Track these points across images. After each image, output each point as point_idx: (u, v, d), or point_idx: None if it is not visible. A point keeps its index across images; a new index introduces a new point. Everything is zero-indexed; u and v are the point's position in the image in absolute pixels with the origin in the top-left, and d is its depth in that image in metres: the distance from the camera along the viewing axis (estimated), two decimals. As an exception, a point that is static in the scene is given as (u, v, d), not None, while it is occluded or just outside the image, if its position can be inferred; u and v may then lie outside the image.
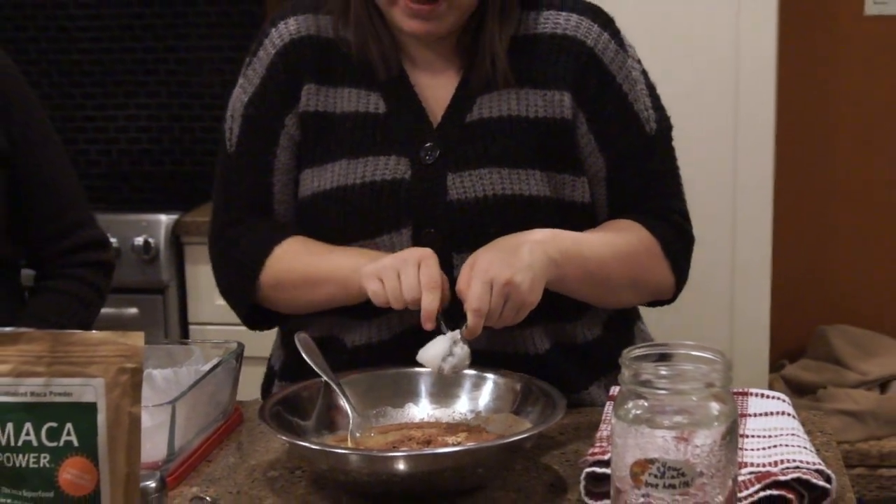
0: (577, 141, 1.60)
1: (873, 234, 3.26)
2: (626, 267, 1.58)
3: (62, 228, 1.93)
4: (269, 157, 1.64)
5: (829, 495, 1.29)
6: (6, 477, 1.12)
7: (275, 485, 1.41)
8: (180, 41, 3.50)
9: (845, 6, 3.17)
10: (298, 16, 1.64)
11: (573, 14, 1.61)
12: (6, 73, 1.90)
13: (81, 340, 1.12)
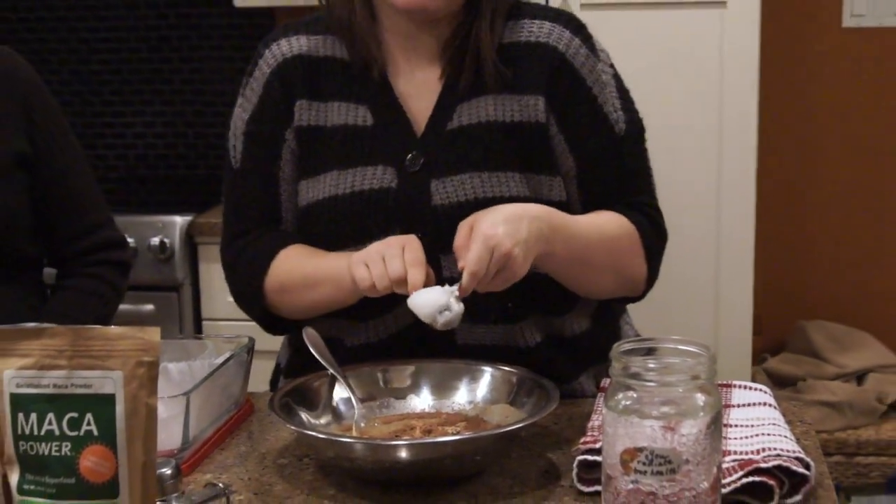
0: (551, 142, 1.60)
1: (851, 236, 3.26)
2: (608, 251, 1.57)
3: (82, 229, 1.93)
4: (273, 170, 1.64)
5: (809, 482, 1.29)
6: (30, 464, 1.12)
7: (284, 472, 1.42)
8: (194, 52, 3.50)
9: (824, 18, 3.17)
10: (290, 36, 1.65)
11: (546, 22, 1.61)
12: (29, 82, 1.90)
13: (101, 335, 1.12)
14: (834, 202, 3.26)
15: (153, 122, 3.55)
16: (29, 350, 1.12)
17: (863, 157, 3.23)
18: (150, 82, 3.54)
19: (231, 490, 1.31)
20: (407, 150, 1.59)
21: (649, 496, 1.14)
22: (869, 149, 3.22)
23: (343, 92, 1.62)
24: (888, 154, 3.22)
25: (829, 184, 3.25)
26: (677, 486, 1.14)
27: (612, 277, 1.61)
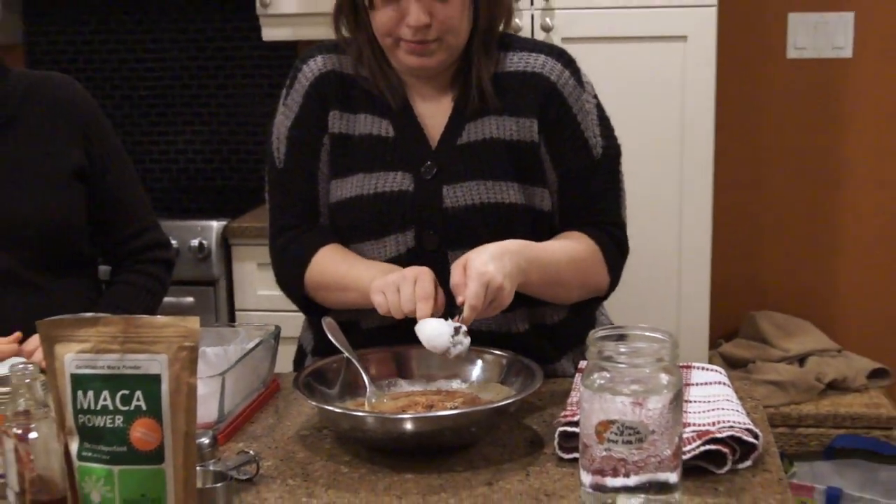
0: (542, 158, 1.61)
1: (794, 239, 3.26)
2: (576, 271, 1.59)
3: (132, 232, 1.93)
4: (313, 169, 1.64)
5: (757, 449, 1.29)
6: (87, 435, 1.12)
7: (305, 441, 1.42)
8: (228, 80, 3.50)
9: (771, 51, 3.17)
10: (324, 54, 1.66)
11: (541, 55, 1.62)
12: (87, 106, 1.90)
13: (148, 324, 1.12)
14: (780, 210, 3.25)
15: (193, 140, 3.55)
16: (87, 336, 1.12)
17: (804, 169, 3.22)
18: (190, 106, 3.53)
19: (260, 457, 1.31)
20: (423, 159, 1.60)
21: (620, 462, 1.15)
22: (810, 162, 3.22)
23: (370, 106, 1.63)
24: (826, 167, 3.22)
25: (776, 194, 3.25)
26: (644, 453, 1.14)
27: (578, 290, 1.63)
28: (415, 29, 1.50)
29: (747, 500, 1.20)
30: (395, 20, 1.51)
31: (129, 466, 1.11)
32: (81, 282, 1.89)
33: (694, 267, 2.80)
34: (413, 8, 1.49)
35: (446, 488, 1.26)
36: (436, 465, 1.32)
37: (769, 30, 3.18)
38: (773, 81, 3.19)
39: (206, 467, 1.21)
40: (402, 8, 1.50)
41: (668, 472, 1.15)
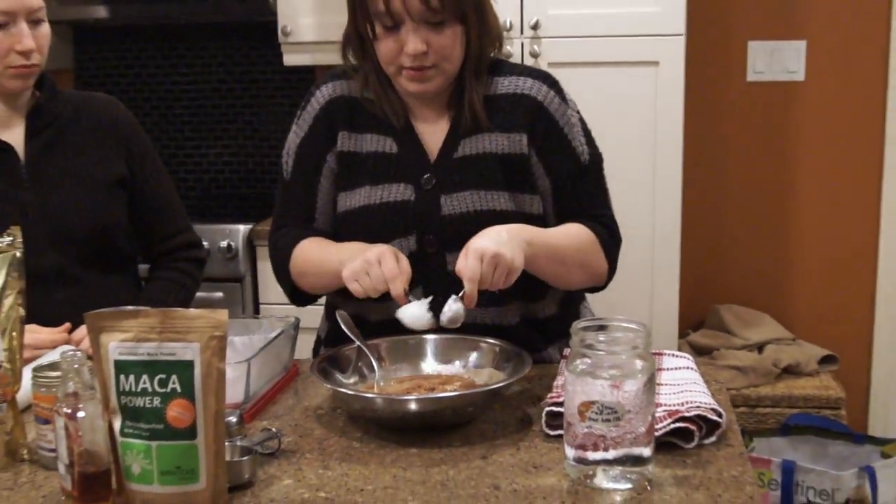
0: (531, 169, 1.61)
1: (754, 240, 3.26)
2: (577, 252, 1.57)
3: (168, 234, 1.93)
4: (314, 182, 1.65)
5: (721, 427, 1.29)
6: (129, 414, 1.13)
7: (321, 420, 1.42)
8: (253, 100, 3.50)
9: (733, 74, 3.18)
10: (334, 82, 1.66)
11: (529, 78, 1.62)
12: (128, 123, 1.91)
13: (183, 315, 1.13)
14: (741, 215, 3.26)
15: (222, 153, 3.55)
16: (129, 327, 1.12)
17: (762, 179, 3.23)
18: (220, 123, 3.54)
19: (281, 433, 1.31)
20: (423, 172, 1.60)
21: (600, 438, 1.15)
22: (767, 172, 3.22)
23: (375, 126, 1.63)
24: (781, 176, 3.22)
25: (737, 201, 3.25)
26: (621, 430, 1.14)
27: (581, 272, 1.61)
28: (413, 56, 1.50)
29: (712, 471, 1.20)
30: (395, 50, 1.51)
31: (165, 442, 1.11)
32: (123, 278, 1.89)
33: (665, 266, 2.80)
34: (411, 38, 1.49)
35: (446, 461, 1.26)
36: (437, 440, 1.32)
37: (731, 56, 3.18)
38: (734, 101, 3.20)
39: (234, 442, 1.21)
40: (402, 38, 1.50)
41: (643, 446, 1.16)
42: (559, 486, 1.17)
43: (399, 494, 1.16)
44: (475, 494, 1.16)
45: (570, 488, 1.16)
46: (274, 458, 1.27)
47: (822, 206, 3.22)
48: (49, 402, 1.22)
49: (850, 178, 3.19)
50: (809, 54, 3.15)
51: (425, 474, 1.22)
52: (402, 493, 1.17)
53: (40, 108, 1.81)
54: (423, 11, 1.47)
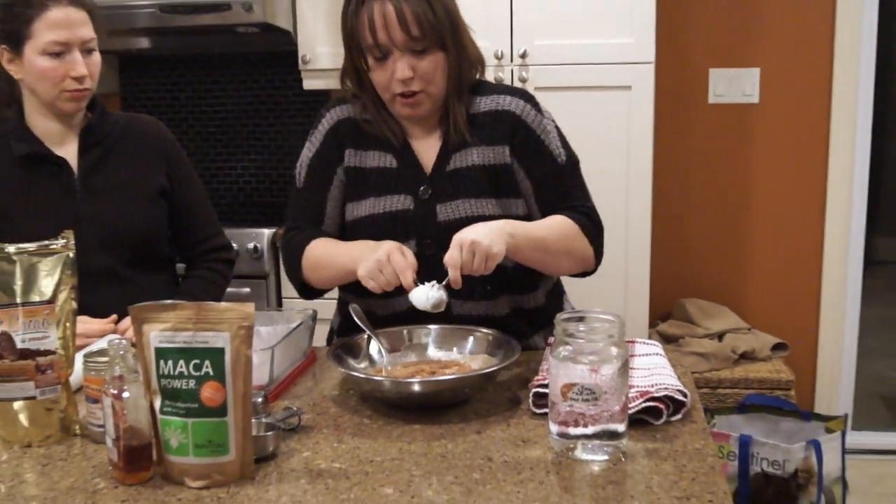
0: (514, 176, 1.60)
1: (714, 242, 3.26)
2: (561, 239, 1.55)
3: (202, 237, 1.93)
4: (324, 192, 1.65)
5: (686, 405, 1.29)
6: (167, 394, 1.13)
7: (336, 400, 1.42)
8: (276, 119, 3.50)
9: (696, 97, 3.18)
10: (341, 106, 1.66)
11: (507, 96, 1.62)
12: (168, 140, 1.91)
13: (215, 308, 1.13)
14: (703, 220, 3.26)
15: (249, 167, 3.55)
16: (167, 318, 1.12)
17: (722, 189, 3.23)
18: (247, 140, 3.54)
19: (301, 411, 1.31)
20: (420, 184, 1.59)
21: (580, 415, 1.15)
22: (726, 183, 3.22)
23: (377, 144, 1.62)
24: (738, 186, 3.22)
25: (700, 207, 3.25)
26: (599, 408, 1.14)
27: (567, 259, 1.58)
28: (402, 82, 1.50)
29: (678, 444, 1.20)
30: (387, 78, 1.52)
31: (199, 419, 1.11)
32: (163, 276, 1.89)
33: (636, 265, 2.80)
34: (399, 65, 1.50)
35: (445, 436, 1.26)
36: (437, 418, 1.32)
37: (695, 81, 3.18)
38: (698, 121, 3.20)
39: (259, 419, 1.21)
40: (391, 67, 1.50)
41: (617, 423, 1.16)
42: (544, 457, 1.17)
43: (404, 465, 1.16)
44: (470, 465, 1.16)
45: (554, 460, 1.16)
46: (294, 433, 1.27)
47: (774, 212, 3.22)
48: (98, 384, 1.22)
49: (798, 187, 3.19)
50: (763, 80, 3.15)
51: (427, 447, 1.22)
52: (406, 463, 1.17)
53: (91, 128, 1.81)
54: (406, 40, 1.48)
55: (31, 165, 1.77)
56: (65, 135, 1.80)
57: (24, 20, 1.67)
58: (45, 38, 1.67)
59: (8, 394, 1.27)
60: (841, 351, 3.22)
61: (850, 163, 3.11)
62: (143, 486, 1.12)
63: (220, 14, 2.97)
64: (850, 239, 3.16)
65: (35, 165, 1.77)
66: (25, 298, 1.28)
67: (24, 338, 1.26)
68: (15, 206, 1.75)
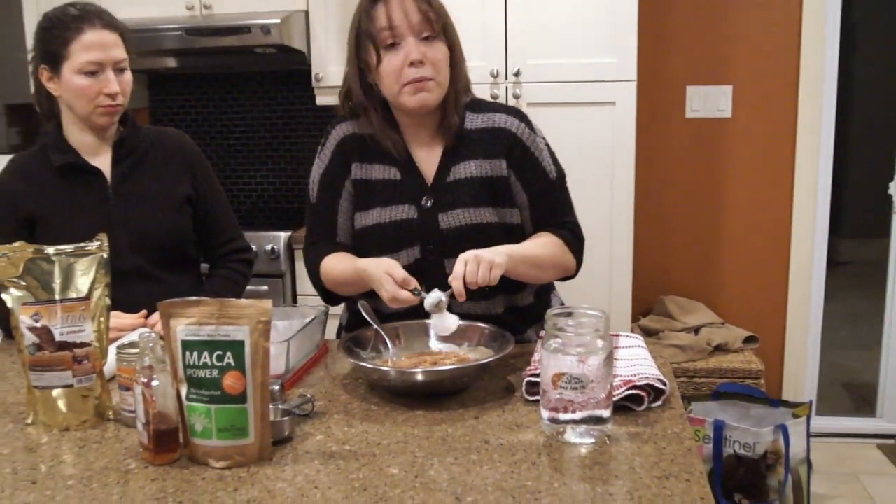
0: (510, 187, 1.60)
1: (690, 243, 3.27)
2: (550, 255, 1.57)
3: (224, 240, 1.93)
4: (335, 204, 1.64)
5: (665, 393, 1.29)
6: (193, 382, 1.12)
7: (346, 388, 1.42)
8: (292, 132, 3.50)
9: (674, 112, 3.18)
10: (346, 123, 1.65)
11: (503, 114, 1.62)
12: (193, 151, 1.90)
13: (236, 304, 1.13)
14: (681, 224, 3.26)
15: (267, 175, 3.55)
16: (193, 313, 1.12)
17: (697, 195, 3.23)
18: (265, 151, 3.54)
19: (314, 399, 1.31)
20: (422, 194, 1.58)
21: (569, 402, 1.15)
22: (701, 189, 3.23)
23: (382, 158, 1.61)
24: (712, 192, 3.22)
25: (678, 212, 3.25)
26: (586, 396, 1.14)
27: (555, 271, 1.61)
28: (416, 63, 1.49)
29: (658, 429, 1.20)
30: (399, 63, 1.49)
31: (222, 405, 1.11)
32: (188, 275, 1.89)
33: (620, 265, 2.80)
34: (412, 48, 1.49)
35: (446, 421, 1.25)
36: (438, 404, 1.32)
37: (673, 97, 3.18)
38: (676, 133, 3.20)
39: (276, 406, 1.21)
40: (403, 51, 1.49)
41: (603, 409, 1.16)
42: (536, 441, 1.17)
43: (408, 447, 1.16)
44: (469, 447, 1.16)
45: (545, 443, 1.16)
46: (308, 419, 1.27)
47: (746, 217, 3.22)
48: (129, 373, 1.22)
49: (767, 194, 3.19)
50: (735, 97, 3.15)
51: (429, 431, 1.22)
52: (410, 446, 1.17)
53: (123, 140, 1.81)
54: (420, 22, 1.48)
55: (68, 174, 1.77)
56: (99, 146, 1.80)
57: (62, 42, 1.67)
58: (81, 58, 1.67)
59: (48, 382, 1.27)
60: (806, 343, 3.23)
61: (815, 172, 3.12)
62: (171, 467, 1.12)
63: (240, 36, 2.97)
64: (814, 241, 3.16)
65: (72, 174, 1.77)
66: (63, 295, 1.28)
67: (62, 331, 1.27)
68: (54, 211, 1.75)
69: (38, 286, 1.28)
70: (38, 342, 1.26)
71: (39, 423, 1.28)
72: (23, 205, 1.75)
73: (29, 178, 1.77)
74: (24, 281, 1.27)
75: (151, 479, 1.09)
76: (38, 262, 1.29)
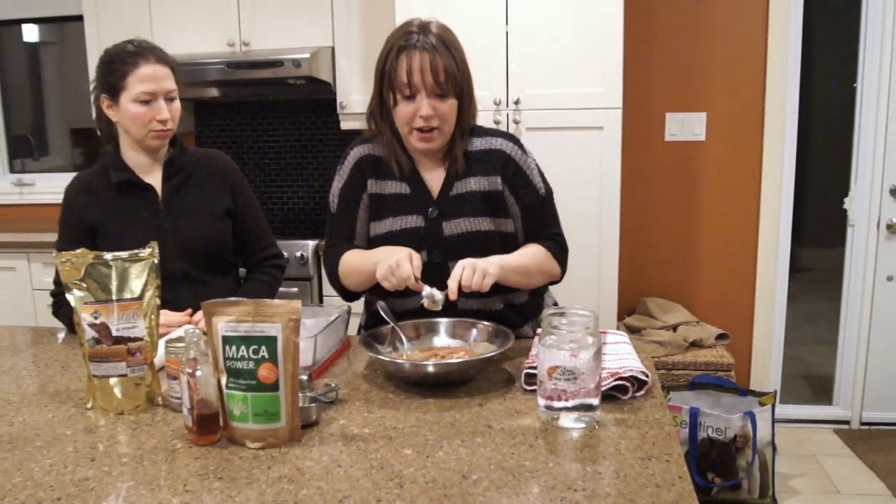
0: (505, 201, 1.60)
1: (669, 251, 3.25)
2: (537, 265, 1.57)
3: (260, 248, 1.93)
4: (355, 214, 1.64)
5: (647, 384, 1.29)
6: (231, 373, 1.12)
7: (366, 378, 1.41)
8: (318, 153, 3.51)
9: (654, 136, 3.17)
10: (363, 145, 1.66)
11: (499, 138, 1.62)
12: (233, 170, 1.91)
13: (269, 304, 1.13)
14: (661, 234, 3.25)
15: (297, 191, 3.56)
16: (232, 312, 1.12)
17: (675, 208, 3.22)
18: (295, 169, 3.55)
19: (338, 387, 1.31)
20: (428, 206, 1.59)
21: (562, 391, 1.14)
22: (678, 203, 3.21)
23: (393, 175, 1.62)
24: (688, 206, 3.21)
25: (658, 224, 3.24)
26: (577, 386, 1.13)
27: (540, 277, 1.61)
28: (424, 118, 1.50)
29: (641, 415, 1.19)
30: (411, 113, 1.51)
31: (257, 393, 1.11)
32: (228, 278, 1.89)
33: (607, 270, 2.79)
34: (424, 104, 1.49)
35: (454, 407, 1.25)
36: (447, 393, 1.31)
37: (654, 123, 3.17)
38: (656, 155, 3.19)
39: (305, 393, 1.21)
40: (416, 105, 1.50)
41: (592, 398, 1.15)
42: (533, 425, 1.17)
43: (420, 431, 1.16)
44: (474, 431, 1.15)
45: (542, 427, 1.16)
46: (332, 405, 1.27)
47: (718, 228, 3.21)
48: (176, 364, 1.22)
49: (736, 208, 3.18)
50: (709, 122, 3.14)
51: (439, 417, 1.21)
52: (422, 430, 1.16)
53: (173, 160, 1.82)
54: (433, 86, 1.48)
55: (125, 190, 1.77)
56: (151, 165, 1.80)
57: (121, 74, 1.68)
58: (136, 89, 1.68)
59: (105, 372, 1.27)
60: (771, 339, 3.21)
61: (778, 188, 3.10)
62: (212, 447, 1.12)
63: (274, 69, 2.98)
64: (778, 249, 3.15)
65: (128, 190, 1.77)
66: (119, 296, 1.28)
67: (118, 327, 1.27)
68: (112, 222, 1.76)
69: (97, 287, 1.28)
70: (97, 337, 1.26)
71: (98, 408, 1.28)
72: (86, 215, 1.76)
73: (91, 193, 1.77)
74: (86, 283, 1.28)
75: (195, 458, 1.09)
76: (98, 266, 1.29)
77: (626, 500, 0.93)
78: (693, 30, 3.11)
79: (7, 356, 1.60)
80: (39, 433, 1.18)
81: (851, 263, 3.16)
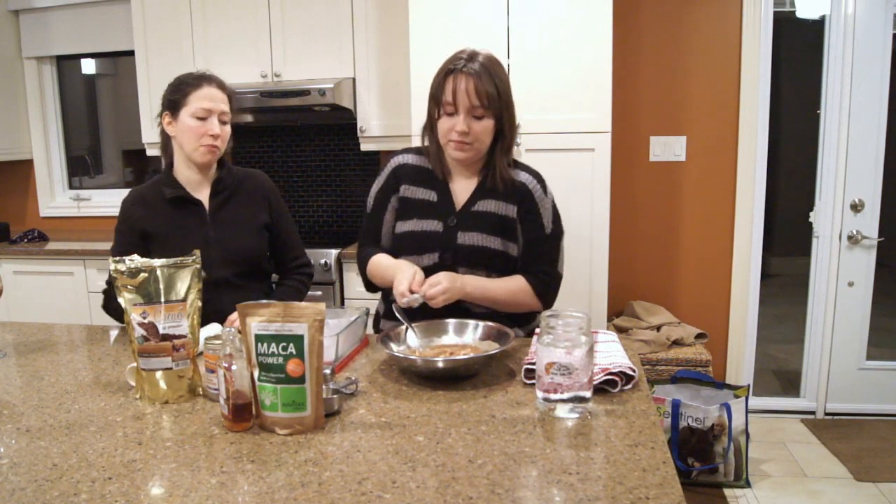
0: (516, 229, 1.59)
1: (653, 260, 3.24)
2: (511, 297, 1.56)
3: (292, 257, 1.93)
4: (382, 218, 1.65)
5: (634, 378, 1.28)
6: (263, 367, 1.12)
7: (382, 372, 1.41)
8: (342, 171, 3.52)
9: (640, 157, 3.17)
10: (405, 154, 1.67)
11: (526, 174, 1.62)
12: (270, 187, 1.91)
13: (297, 306, 1.13)
14: (646, 244, 3.24)
15: (322, 205, 3.57)
16: (264, 313, 1.12)
17: (659, 221, 3.20)
18: (321, 186, 3.55)
19: (358, 381, 1.30)
20: (450, 215, 1.59)
21: (558, 385, 1.13)
22: (662, 217, 3.20)
23: (424, 183, 1.62)
24: (671, 220, 3.20)
25: (644, 235, 3.23)
26: (572, 380, 1.13)
27: (514, 307, 1.59)
28: (460, 133, 1.51)
29: (629, 406, 1.18)
30: (450, 127, 1.53)
31: (285, 385, 1.11)
32: (262, 285, 1.89)
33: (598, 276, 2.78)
34: (461, 122, 1.51)
35: (461, 399, 1.24)
36: (455, 386, 1.31)
37: (639, 145, 3.17)
38: (641, 174, 3.18)
39: (328, 386, 1.21)
40: (455, 121, 1.51)
41: (585, 391, 1.14)
42: (532, 415, 1.16)
43: (431, 420, 1.15)
44: (479, 420, 1.14)
45: (540, 417, 1.15)
46: (353, 396, 1.26)
47: (697, 239, 3.19)
48: (214, 359, 1.22)
49: (713, 221, 3.16)
50: (689, 144, 3.13)
51: (448, 407, 1.21)
52: (433, 419, 1.16)
53: (220, 179, 1.83)
54: (470, 108, 1.50)
55: (176, 204, 1.78)
56: (200, 183, 1.81)
57: (184, 94, 1.72)
58: (196, 105, 1.71)
59: (153, 365, 1.27)
60: (745, 338, 3.18)
61: (751, 203, 3.09)
62: (245, 433, 1.12)
63: (302, 98, 3.00)
64: (751, 258, 3.13)
65: (179, 204, 1.78)
66: (166, 298, 1.28)
67: (164, 326, 1.27)
68: (164, 232, 1.77)
69: (146, 291, 1.28)
70: (146, 334, 1.27)
71: (145, 398, 1.28)
72: (140, 226, 1.77)
73: (146, 205, 1.78)
74: (136, 286, 1.28)
75: (230, 443, 1.08)
76: (147, 271, 1.29)
77: (615, 483, 0.93)
78: (674, 62, 3.10)
79: (65, 351, 1.61)
80: (93, 419, 1.18)
81: (816, 270, 3.14)
